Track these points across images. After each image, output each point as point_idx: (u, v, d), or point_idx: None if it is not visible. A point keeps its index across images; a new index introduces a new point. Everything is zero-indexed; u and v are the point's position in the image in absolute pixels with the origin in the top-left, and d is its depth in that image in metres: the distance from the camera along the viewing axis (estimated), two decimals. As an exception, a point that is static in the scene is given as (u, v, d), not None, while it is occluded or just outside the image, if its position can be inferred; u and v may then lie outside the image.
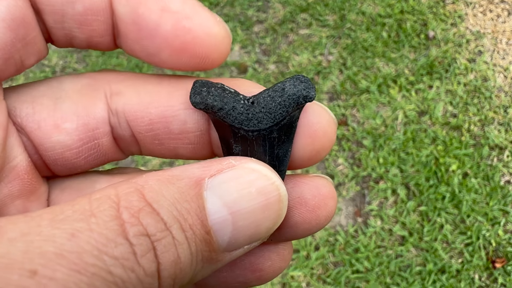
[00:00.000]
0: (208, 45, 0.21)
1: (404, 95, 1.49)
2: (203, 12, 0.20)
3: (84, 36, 0.21)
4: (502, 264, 1.22)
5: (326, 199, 0.22)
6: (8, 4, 0.19)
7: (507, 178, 1.34)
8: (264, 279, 0.24)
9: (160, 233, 0.17)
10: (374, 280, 1.21)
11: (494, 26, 1.63)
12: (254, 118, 0.21)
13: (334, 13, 1.70)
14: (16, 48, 0.20)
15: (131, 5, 0.20)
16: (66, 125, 0.22)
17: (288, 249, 0.24)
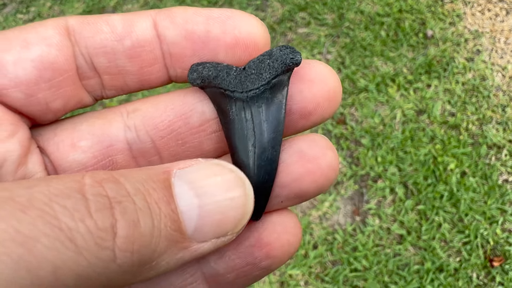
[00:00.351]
0: (254, 35, 0.22)
1: (403, 94, 1.49)
2: (240, 11, 0.23)
3: (135, 68, 0.22)
4: (500, 263, 1.22)
5: (324, 149, 0.23)
6: (41, 49, 0.20)
7: (505, 177, 1.34)
8: (275, 257, 0.23)
9: (121, 197, 0.17)
10: (372, 278, 1.21)
11: (493, 25, 1.64)
12: (247, 80, 0.22)
13: (333, 12, 1.70)
14: (39, 87, 0.21)
15: (178, 26, 0.22)
16: (82, 143, 0.23)
17: (293, 220, 0.23)
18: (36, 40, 0.21)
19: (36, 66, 0.21)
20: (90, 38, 0.22)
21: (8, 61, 0.20)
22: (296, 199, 0.23)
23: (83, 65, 0.22)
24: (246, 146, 0.22)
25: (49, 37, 0.21)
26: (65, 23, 0.22)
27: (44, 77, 0.21)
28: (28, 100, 0.21)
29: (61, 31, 0.22)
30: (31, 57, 0.21)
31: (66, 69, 0.22)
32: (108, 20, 0.22)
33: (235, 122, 0.22)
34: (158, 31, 0.22)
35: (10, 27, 1.75)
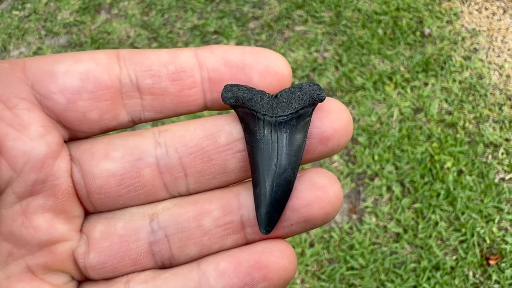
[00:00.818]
0: (281, 65, 0.26)
1: (400, 92, 1.49)
2: (268, 49, 0.27)
3: (176, 90, 0.25)
4: (496, 261, 1.22)
5: (332, 181, 0.26)
6: (89, 65, 0.24)
7: (501, 175, 1.34)
8: (271, 279, 0.24)
9: None
10: (369, 276, 1.21)
11: (490, 24, 1.64)
12: (278, 107, 0.25)
13: (330, 10, 1.70)
14: (80, 96, 0.24)
15: (218, 56, 0.25)
16: (114, 154, 0.25)
17: (290, 250, 0.25)
18: (87, 59, 0.24)
19: (81, 78, 0.24)
20: (139, 62, 0.25)
21: (59, 71, 0.24)
22: (304, 223, 0.25)
23: (128, 84, 0.25)
24: (270, 165, 0.25)
25: (99, 58, 0.24)
26: (116, 51, 0.25)
27: (86, 88, 0.24)
28: (68, 106, 0.24)
29: (111, 56, 0.25)
30: (79, 70, 0.24)
31: (108, 85, 0.24)
32: (155, 51, 0.25)
33: (262, 142, 0.25)
34: (198, 60, 0.25)
35: (5, 23, 1.74)
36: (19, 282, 0.24)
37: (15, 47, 1.71)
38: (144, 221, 0.26)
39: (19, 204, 0.24)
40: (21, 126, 0.23)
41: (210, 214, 0.26)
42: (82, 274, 0.26)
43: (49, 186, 0.24)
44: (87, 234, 0.26)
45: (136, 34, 1.70)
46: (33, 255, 0.24)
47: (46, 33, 1.75)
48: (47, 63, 0.24)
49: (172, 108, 0.26)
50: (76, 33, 1.73)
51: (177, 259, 0.26)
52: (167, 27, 1.72)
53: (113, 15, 1.76)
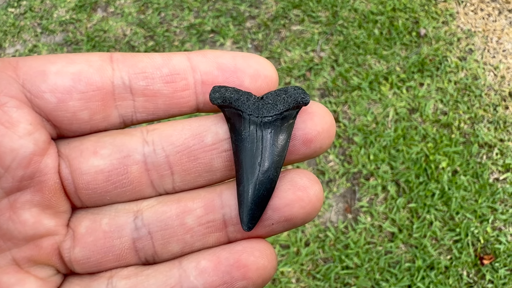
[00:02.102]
0: (270, 70, 0.27)
1: (395, 92, 1.50)
2: (256, 55, 0.27)
3: (169, 91, 0.26)
4: (490, 261, 1.23)
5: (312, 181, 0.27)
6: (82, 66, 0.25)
7: (496, 175, 1.35)
8: (250, 278, 0.25)
9: None
10: (364, 276, 1.22)
11: (485, 25, 1.64)
12: (263, 108, 0.26)
13: (327, 10, 1.70)
14: (71, 96, 0.25)
15: (211, 60, 0.26)
16: (103, 151, 0.26)
17: (270, 249, 0.26)
18: (80, 60, 0.25)
19: (73, 78, 0.24)
20: (132, 65, 0.26)
21: (51, 71, 0.24)
22: (285, 223, 0.26)
23: (120, 86, 0.26)
24: (253, 163, 0.25)
25: (92, 60, 0.25)
26: (110, 54, 0.26)
27: (77, 88, 0.25)
28: (58, 105, 0.25)
29: (105, 58, 0.25)
30: (71, 71, 0.25)
31: (99, 87, 0.25)
32: (149, 55, 0.26)
33: (247, 141, 0.26)
34: (192, 63, 0.26)
35: (1, 21, 1.73)
36: (5, 274, 0.25)
37: (11, 45, 1.71)
38: (128, 218, 0.26)
39: (6, 198, 0.24)
40: (10, 124, 0.23)
41: (192, 212, 0.26)
42: (67, 267, 0.26)
43: (36, 182, 0.25)
44: (73, 229, 0.26)
45: (133, 33, 1.70)
46: (19, 249, 0.25)
47: (42, 30, 1.74)
48: (40, 63, 0.25)
49: (164, 109, 0.27)
50: (72, 31, 1.72)
51: (160, 256, 0.27)
52: (163, 25, 1.72)
53: (110, 13, 1.76)
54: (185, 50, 1.65)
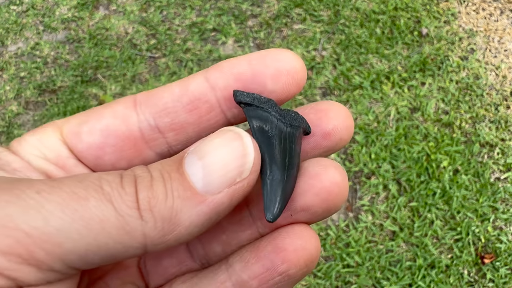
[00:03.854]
0: (291, 63, 0.26)
1: (397, 91, 1.50)
2: (275, 49, 0.26)
3: (194, 119, 0.26)
4: (491, 260, 1.23)
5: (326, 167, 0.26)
6: (108, 120, 0.26)
7: (497, 175, 1.35)
8: (290, 261, 0.25)
9: (143, 173, 0.22)
10: (365, 274, 1.22)
11: (487, 25, 1.65)
12: (288, 116, 0.26)
13: (329, 9, 1.70)
14: (105, 151, 0.26)
15: (226, 73, 0.26)
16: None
17: (308, 230, 0.26)
18: (108, 114, 0.26)
19: (102, 134, 0.26)
20: (154, 104, 0.26)
21: (83, 131, 0.26)
22: (303, 212, 0.26)
23: (147, 129, 0.26)
24: (283, 158, 0.26)
25: (117, 111, 0.26)
26: (134, 98, 0.26)
27: (108, 143, 0.26)
28: (97, 162, 0.26)
29: (129, 105, 0.26)
30: (100, 128, 0.26)
31: (127, 135, 0.26)
32: (168, 87, 0.26)
33: (274, 138, 0.26)
34: (210, 83, 0.26)
35: (3, 18, 1.74)
36: None
37: (13, 42, 1.71)
38: None
39: None
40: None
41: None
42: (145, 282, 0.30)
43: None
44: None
45: (135, 31, 1.70)
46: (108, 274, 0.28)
47: (44, 28, 1.74)
48: (77, 123, 0.26)
49: (196, 136, 0.27)
50: (74, 29, 1.73)
51: (209, 260, 0.29)
52: (165, 23, 1.72)
53: (112, 11, 1.76)
54: (187, 49, 1.65)
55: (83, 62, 1.64)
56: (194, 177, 0.22)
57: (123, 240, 0.21)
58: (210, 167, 0.22)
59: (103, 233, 0.20)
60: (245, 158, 0.23)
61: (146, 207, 0.21)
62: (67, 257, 0.20)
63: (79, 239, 0.20)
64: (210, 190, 0.22)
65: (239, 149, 0.23)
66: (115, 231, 0.20)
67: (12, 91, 1.60)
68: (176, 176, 0.22)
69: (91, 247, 0.20)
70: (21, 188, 0.20)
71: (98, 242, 0.20)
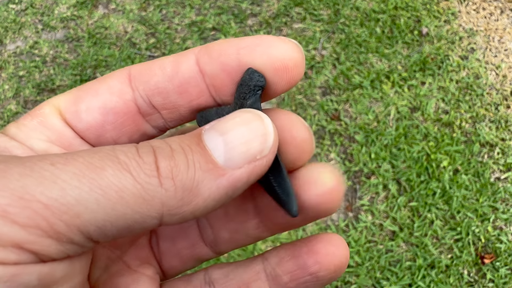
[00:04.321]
0: (284, 53, 0.25)
1: (397, 91, 1.50)
2: (269, 37, 0.25)
3: (185, 102, 0.26)
4: (491, 260, 1.23)
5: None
6: (105, 97, 0.26)
7: (497, 175, 1.35)
8: (321, 263, 0.26)
9: (161, 145, 0.22)
10: (364, 274, 1.22)
11: (487, 24, 1.64)
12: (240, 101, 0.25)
13: (328, 8, 1.70)
14: (105, 128, 0.26)
15: (215, 60, 0.25)
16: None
17: (339, 238, 0.27)
18: (103, 90, 0.26)
19: (101, 112, 0.26)
20: (146, 82, 0.26)
21: (82, 109, 0.26)
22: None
23: (143, 105, 0.26)
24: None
25: (112, 86, 0.26)
26: (128, 72, 0.26)
27: (107, 120, 0.26)
28: (99, 140, 0.26)
29: (124, 80, 0.26)
30: (98, 105, 0.26)
31: (126, 112, 0.26)
32: (161, 64, 0.26)
33: None
34: (200, 67, 0.25)
35: (2, 17, 1.73)
36: (120, 276, 0.28)
37: (12, 41, 1.70)
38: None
39: None
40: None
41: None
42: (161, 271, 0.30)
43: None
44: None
45: (134, 30, 1.70)
46: (126, 253, 0.28)
47: (43, 27, 1.74)
48: (73, 101, 0.26)
49: (189, 116, 0.27)
50: (73, 27, 1.72)
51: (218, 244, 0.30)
52: (165, 22, 1.71)
53: (111, 10, 1.76)
54: (186, 48, 1.64)
55: (82, 61, 1.63)
56: (216, 152, 0.22)
57: (141, 209, 0.20)
58: (232, 143, 0.23)
59: (121, 202, 0.20)
60: (266, 136, 0.23)
61: (168, 175, 0.21)
62: (86, 228, 0.20)
63: (98, 209, 0.20)
64: (231, 165, 0.22)
65: (260, 128, 0.23)
66: (134, 200, 0.20)
67: (10, 90, 1.59)
68: (197, 149, 0.22)
69: (109, 217, 0.20)
70: (33, 161, 0.20)
71: (116, 212, 0.20)
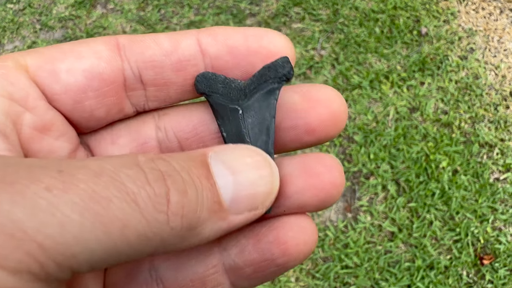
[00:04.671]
0: (285, 48, 0.26)
1: (396, 91, 1.49)
2: (271, 30, 0.26)
3: (180, 80, 0.25)
4: (490, 261, 1.23)
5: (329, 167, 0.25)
6: (92, 61, 0.23)
7: (496, 175, 1.35)
8: (290, 255, 0.25)
9: (171, 171, 0.20)
10: (363, 275, 1.21)
11: (486, 24, 1.64)
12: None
13: (327, 8, 1.69)
14: (87, 95, 0.24)
15: (221, 43, 0.25)
16: (120, 140, 0.26)
17: (309, 223, 0.25)
18: (88, 53, 0.24)
19: (86, 76, 0.23)
20: (140, 53, 0.24)
21: (61, 69, 0.23)
22: (297, 209, 0.25)
23: (131, 77, 0.25)
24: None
25: (100, 51, 0.24)
26: (115, 40, 0.24)
27: (91, 86, 0.24)
28: (75, 107, 0.24)
29: (111, 47, 0.24)
30: (82, 68, 0.23)
31: (112, 81, 0.24)
32: (155, 38, 0.25)
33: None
34: (201, 47, 0.25)
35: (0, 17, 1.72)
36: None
37: (9, 41, 1.70)
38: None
39: None
40: (45, 128, 0.23)
41: None
42: None
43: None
44: None
45: (132, 30, 1.69)
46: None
47: (41, 27, 1.73)
48: (47, 60, 0.23)
49: (176, 97, 0.26)
50: (72, 27, 1.71)
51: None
52: (163, 22, 1.71)
53: (109, 10, 1.75)
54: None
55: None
56: (224, 191, 0.21)
57: (141, 246, 0.18)
58: (241, 186, 0.21)
59: (122, 239, 0.17)
60: (272, 187, 0.22)
61: (179, 212, 0.19)
62: (79, 267, 0.17)
63: (97, 248, 0.17)
64: (234, 209, 0.21)
65: (269, 177, 0.22)
66: (136, 237, 0.18)
67: (8, 90, 1.59)
68: (207, 185, 0.20)
69: (107, 256, 0.17)
70: (22, 182, 0.17)
71: (116, 250, 0.17)
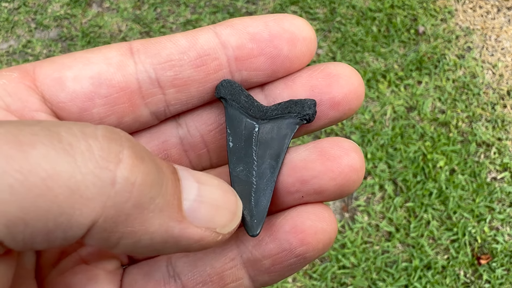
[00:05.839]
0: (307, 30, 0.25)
1: (393, 90, 1.49)
2: (289, 14, 0.25)
3: (201, 76, 0.24)
4: (487, 261, 1.23)
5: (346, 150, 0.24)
6: (100, 67, 0.22)
7: (493, 175, 1.35)
8: (309, 243, 0.24)
9: (134, 141, 0.19)
10: (361, 275, 1.21)
11: (484, 23, 1.63)
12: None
13: (324, 6, 1.68)
14: (94, 102, 0.22)
15: (241, 31, 0.24)
16: (139, 141, 0.26)
17: (327, 211, 0.25)
18: (98, 59, 0.23)
19: (92, 83, 0.22)
20: (155, 54, 0.23)
21: (68, 77, 0.22)
22: (316, 195, 0.24)
23: (146, 82, 0.23)
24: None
25: (110, 57, 0.23)
26: (129, 45, 0.23)
27: (99, 93, 0.22)
28: (81, 115, 0.22)
29: (124, 52, 0.23)
30: (90, 74, 0.22)
31: (123, 87, 0.23)
32: (171, 38, 0.24)
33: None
34: (221, 39, 0.24)
35: (-6, 16, 1.71)
36: (74, 275, 0.24)
37: (4, 40, 1.68)
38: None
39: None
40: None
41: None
42: (128, 258, 0.27)
43: None
44: None
45: (128, 28, 1.68)
46: (85, 247, 0.25)
47: (36, 26, 1.72)
48: (56, 68, 0.22)
49: (199, 96, 0.25)
50: (67, 26, 1.70)
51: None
52: (159, 21, 1.70)
53: (105, 9, 1.74)
54: (181, 46, 1.63)
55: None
56: (186, 194, 0.20)
57: (72, 209, 0.15)
58: (203, 198, 0.20)
59: (47, 194, 0.15)
60: (233, 216, 0.21)
61: (130, 178, 0.17)
62: None
63: (10, 200, 0.14)
64: (191, 217, 0.20)
65: (232, 204, 0.22)
66: (66, 194, 0.15)
67: (3, 89, 1.58)
68: (170, 176, 0.20)
69: (25, 214, 0.15)
70: None
71: (37, 208, 0.15)
